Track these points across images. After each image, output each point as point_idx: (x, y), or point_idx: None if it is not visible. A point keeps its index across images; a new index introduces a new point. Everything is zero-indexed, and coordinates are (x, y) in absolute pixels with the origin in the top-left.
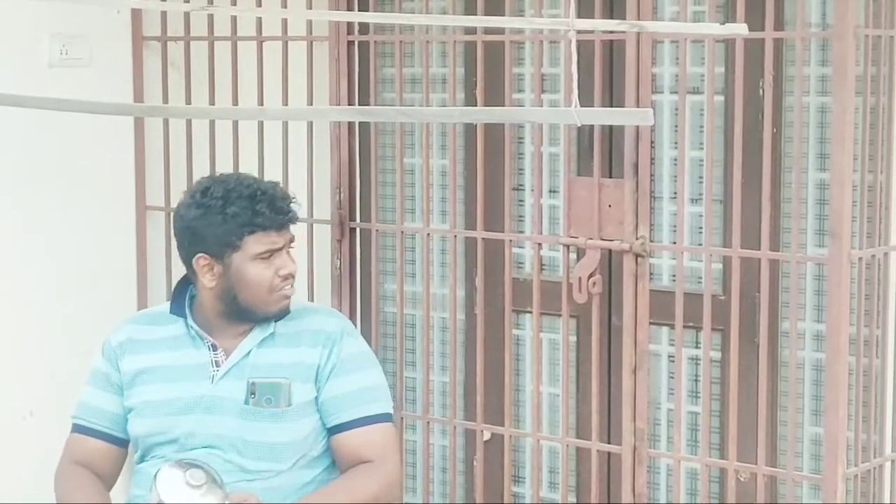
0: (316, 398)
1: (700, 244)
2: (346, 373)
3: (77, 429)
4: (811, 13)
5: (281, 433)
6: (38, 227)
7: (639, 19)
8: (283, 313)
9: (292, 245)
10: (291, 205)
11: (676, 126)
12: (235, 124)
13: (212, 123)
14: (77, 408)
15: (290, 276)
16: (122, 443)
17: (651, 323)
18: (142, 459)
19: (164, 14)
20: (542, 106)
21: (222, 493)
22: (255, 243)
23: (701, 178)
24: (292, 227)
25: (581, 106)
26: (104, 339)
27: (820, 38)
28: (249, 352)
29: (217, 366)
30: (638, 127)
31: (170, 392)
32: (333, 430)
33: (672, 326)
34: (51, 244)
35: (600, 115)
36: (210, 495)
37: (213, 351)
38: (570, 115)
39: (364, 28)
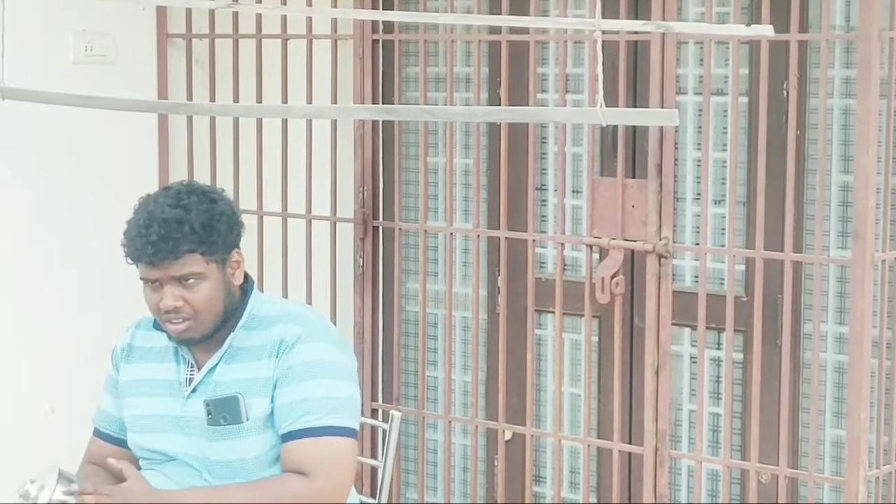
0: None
1: (723, 245)
2: (291, 382)
3: (94, 432)
4: (836, 15)
5: (241, 450)
6: (62, 224)
7: (664, 20)
8: (183, 341)
9: (193, 280)
10: (173, 243)
11: (700, 127)
12: (259, 122)
13: (236, 121)
14: (95, 411)
15: (170, 311)
16: None
17: (673, 324)
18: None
19: (188, 11)
20: (566, 106)
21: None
22: (140, 268)
23: (724, 179)
24: (191, 263)
25: (606, 106)
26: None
27: (844, 40)
28: (214, 368)
29: (189, 383)
30: (662, 127)
31: (151, 408)
32: (281, 440)
33: (694, 327)
34: (74, 242)
35: (625, 116)
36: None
37: (189, 368)
38: (595, 115)
39: (389, 27)
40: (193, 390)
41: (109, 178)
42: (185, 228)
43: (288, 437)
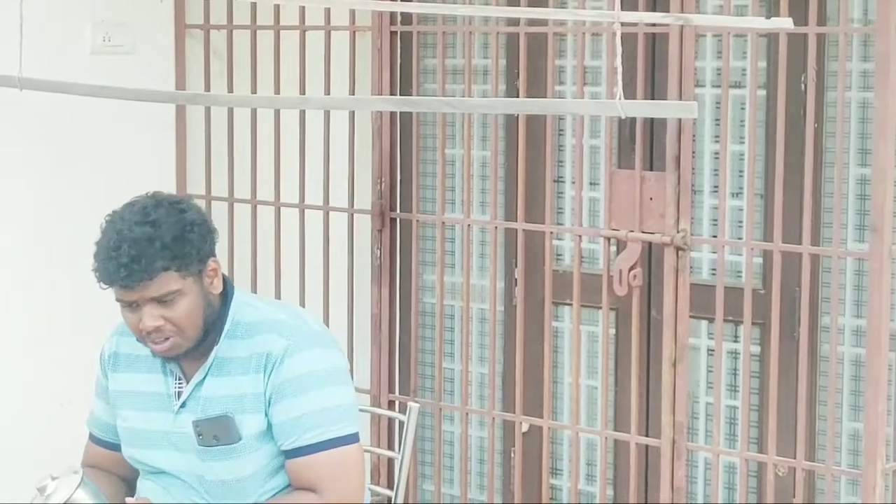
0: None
1: (740, 238)
2: (286, 397)
3: (90, 436)
4: (854, 8)
5: (235, 470)
6: (77, 215)
7: (682, 12)
8: (169, 358)
9: (170, 298)
10: (145, 263)
11: (717, 120)
12: (277, 113)
13: (253, 112)
14: (89, 415)
15: (151, 331)
16: None
17: (690, 316)
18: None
19: (206, 2)
20: (584, 98)
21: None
22: (115, 290)
23: (741, 172)
24: (163, 284)
25: (624, 99)
26: (101, 349)
27: (862, 33)
28: (202, 382)
29: (178, 397)
30: (680, 120)
31: (142, 422)
32: (284, 455)
33: (711, 320)
34: (89, 233)
35: (645, 108)
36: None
37: (178, 380)
38: (614, 107)
39: (407, 18)
40: (183, 405)
41: (126, 169)
42: (156, 245)
43: (293, 453)
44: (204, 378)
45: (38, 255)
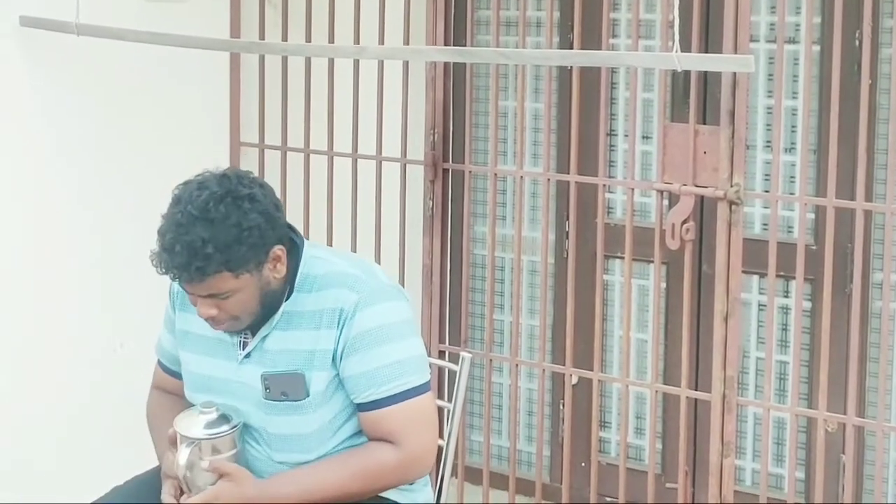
0: (337, 376)
1: (793, 193)
2: (359, 351)
3: (158, 362)
4: None
5: (300, 425)
6: (131, 161)
7: None
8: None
9: (224, 296)
10: (196, 269)
11: (771, 75)
12: (331, 62)
13: (308, 61)
14: (156, 341)
15: (209, 319)
16: None
17: (742, 271)
18: None
19: None
20: (639, 51)
21: (231, 433)
22: None
23: (794, 127)
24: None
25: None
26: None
27: None
28: (268, 335)
29: (242, 347)
30: (735, 74)
31: (204, 366)
32: (357, 407)
33: (763, 275)
34: (144, 178)
35: (701, 61)
36: (221, 423)
37: (243, 332)
38: (671, 60)
39: None
40: (247, 356)
41: (180, 116)
42: (208, 250)
43: (369, 406)
44: (270, 331)
45: (93, 200)
